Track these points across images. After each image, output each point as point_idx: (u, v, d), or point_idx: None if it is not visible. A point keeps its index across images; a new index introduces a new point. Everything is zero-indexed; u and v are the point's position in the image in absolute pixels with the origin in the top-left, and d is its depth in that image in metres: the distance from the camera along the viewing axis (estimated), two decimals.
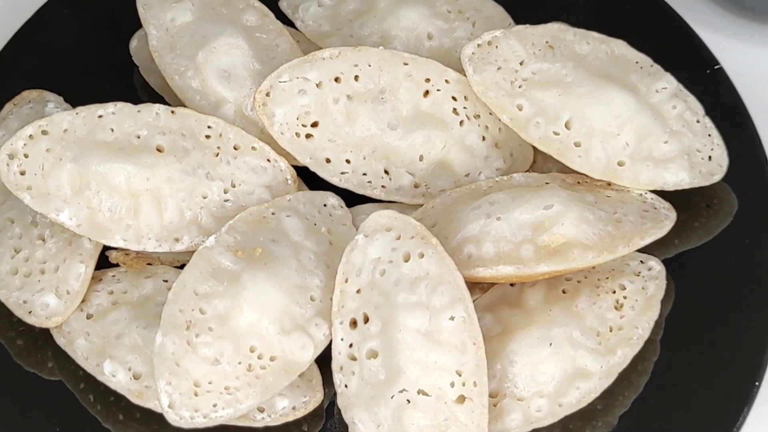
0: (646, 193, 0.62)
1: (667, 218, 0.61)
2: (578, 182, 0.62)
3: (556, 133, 0.62)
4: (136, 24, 0.68)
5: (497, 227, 0.57)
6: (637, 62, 0.65)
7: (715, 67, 0.69)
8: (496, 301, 0.60)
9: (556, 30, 0.66)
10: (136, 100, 0.63)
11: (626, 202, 0.61)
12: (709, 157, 0.63)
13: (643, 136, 0.62)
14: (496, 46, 0.64)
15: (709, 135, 0.64)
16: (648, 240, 0.59)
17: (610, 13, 0.72)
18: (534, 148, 0.64)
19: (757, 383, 0.58)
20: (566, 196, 0.58)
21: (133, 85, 0.70)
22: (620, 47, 0.66)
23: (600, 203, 0.60)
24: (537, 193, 0.58)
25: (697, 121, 0.64)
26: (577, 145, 0.62)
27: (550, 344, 0.57)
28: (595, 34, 0.66)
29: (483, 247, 0.57)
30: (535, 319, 0.58)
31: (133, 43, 0.69)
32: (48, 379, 0.60)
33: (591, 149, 0.62)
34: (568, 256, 0.56)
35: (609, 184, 0.62)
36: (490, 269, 0.56)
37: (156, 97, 0.68)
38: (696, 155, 0.63)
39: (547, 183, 0.62)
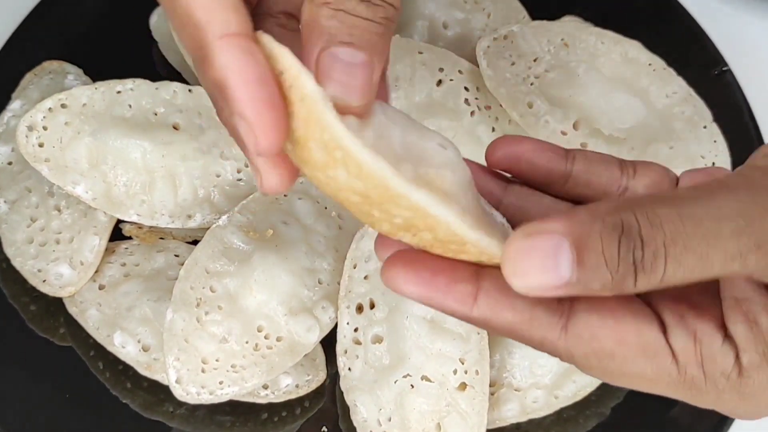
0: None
1: None
2: None
3: (563, 133, 0.63)
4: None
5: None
6: (650, 64, 0.66)
7: (723, 68, 0.69)
8: None
9: (572, 28, 0.66)
10: (154, 76, 0.64)
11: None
12: (713, 164, 0.64)
13: (649, 141, 0.63)
14: (512, 41, 0.65)
15: (715, 141, 0.64)
16: None
17: (621, 10, 0.72)
18: None
19: None
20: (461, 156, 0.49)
21: (151, 60, 0.70)
22: (634, 48, 0.66)
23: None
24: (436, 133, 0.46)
25: (704, 127, 0.64)
26: (583, 145, 0.63)
27: None
28: (610, 34, 0.66)
29: (365, 130, 0.41)
30: None
31: (153, 19, 0.70)
32: (59, 345, 0.62)
33: (596, 150, 0.63)
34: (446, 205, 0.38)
35: None
36: (362, 149, 0.37)
37: (174, 74, 0.69)
38: (700, 161, 0.64)
39: None
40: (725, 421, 0.59)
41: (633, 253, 0.34)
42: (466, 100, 0.65)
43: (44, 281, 0.61)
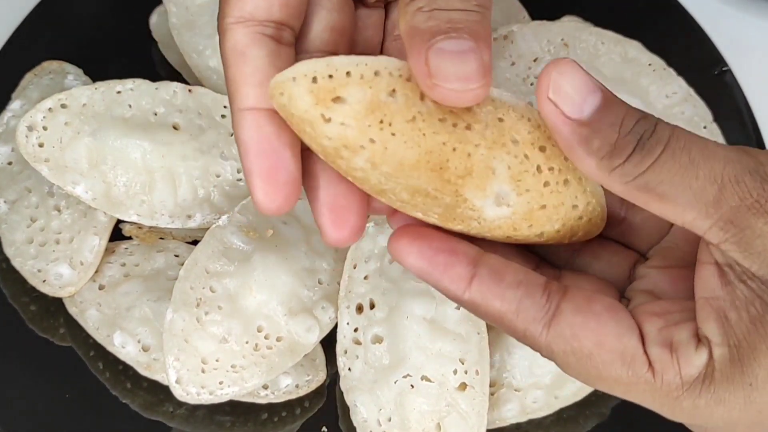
0: None
1: None
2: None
3: None
4: None
5: None
6: (650, 64, 0.65)
7: (723, 68, 0.69)
8: None
9: (572, 28, 0.66)
10: (153, 76, 0.64)
11: None
12: None
13: None
14: (512, 41, 0.65)
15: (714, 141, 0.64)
16: None
17: (621, 10, 0.72)
18: None
19: None
20: None
21: (151, 60, 0.70)
22: (634, 49, 0.66)
23: None
24: None
25: (704, 127, 0.65)
26: None
27: None
28: (610, 34, 0.66)
29: None
30: None
31: (153, 19, 0.70)
32: (59, 345, 0.62)
33: None
34: None
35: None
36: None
37: (174, 73, 0.69)
38: None
39: None
40: None
41: (643, 132, 0.37)
42: None
43: (44, 281, 0.61)
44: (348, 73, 0.36)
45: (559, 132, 0.38)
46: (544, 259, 0.45)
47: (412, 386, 0.56)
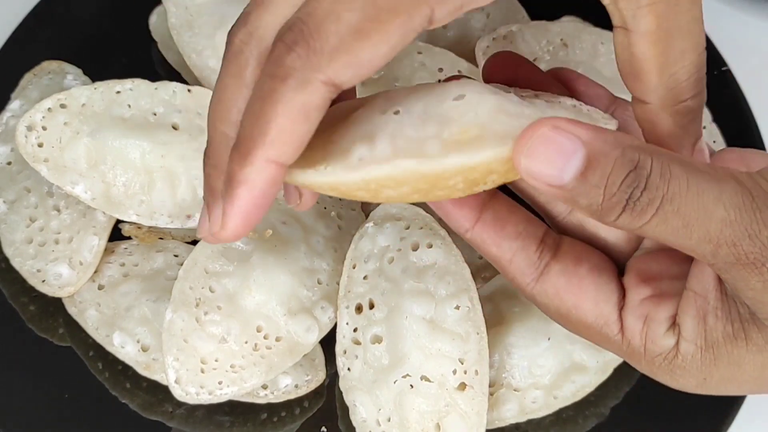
0: (582, 105, 0.46)
1: (606, 125, 0.43)
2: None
3: None
4: None
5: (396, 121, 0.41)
6: None
7: (723, 68, 0.69)
8: (496, 291, 0.61)
9: (572, 28, 0.66)
10: (153, 75, 0.64)
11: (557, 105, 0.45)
12: None
13: None
14: (511, 41, 0.64)
15: (714, 141, 0.64)
16: None
17: None
18: None
19: None
20: (482, 87, 0.42)
21: (150, 60, 0.70)
22: None
23: (525, 101, 0.43)
24: (446, 85, 0.42)
25: (704, 127, 0.64)
26: None
27: (549, 338, 0.58)
28: (610, 34, 0.65)
29: (377, 146, 0.40)
30: (534, 312, 0.59)
31: (153, 19, 0.70)
32: (58, 345, 0.62)
33: None
34: (482, 146, 0.38)
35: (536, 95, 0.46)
36: (384, 166, 0.38)
37: (173, 73, 0.69)
38: None
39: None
40: (725, 420, 0.59)
41: (632, 191, 0.36)
42: None
43: (43, 281, 0.61)
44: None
45: (546, 194, 0.40)
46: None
47: (412, 386, 0.56)
